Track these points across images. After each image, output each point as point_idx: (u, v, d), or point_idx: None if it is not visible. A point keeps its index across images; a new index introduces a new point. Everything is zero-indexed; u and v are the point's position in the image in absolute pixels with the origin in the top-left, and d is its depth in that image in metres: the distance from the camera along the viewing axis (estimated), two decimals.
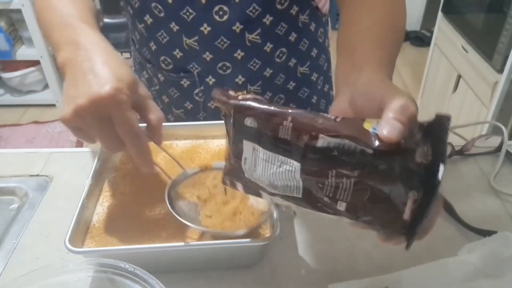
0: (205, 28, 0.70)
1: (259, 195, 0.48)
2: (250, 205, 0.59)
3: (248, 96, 0.45)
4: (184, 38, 0.72)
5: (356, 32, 0.55)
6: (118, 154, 0.73)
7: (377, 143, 0.37)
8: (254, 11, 0.68)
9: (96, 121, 0.47)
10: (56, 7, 0.57)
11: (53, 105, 2.63)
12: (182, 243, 0.55)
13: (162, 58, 0.77)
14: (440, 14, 2.13)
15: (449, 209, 0.67)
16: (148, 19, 0.73)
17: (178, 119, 0.86)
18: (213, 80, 0.76)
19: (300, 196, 0.43)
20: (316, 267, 0.60)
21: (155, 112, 0.55)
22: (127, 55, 2.18)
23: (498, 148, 0.79)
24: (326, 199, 0.41)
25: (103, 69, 0.48)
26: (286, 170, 0.42)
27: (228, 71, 0.75)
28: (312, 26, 0.79)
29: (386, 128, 0.37)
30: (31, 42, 2.44)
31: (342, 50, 0.55)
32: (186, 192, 0.61)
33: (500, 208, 0.69)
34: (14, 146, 2.28)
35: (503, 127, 0.79)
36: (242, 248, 0.56)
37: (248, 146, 0.45)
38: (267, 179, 0.45)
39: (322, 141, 0.39)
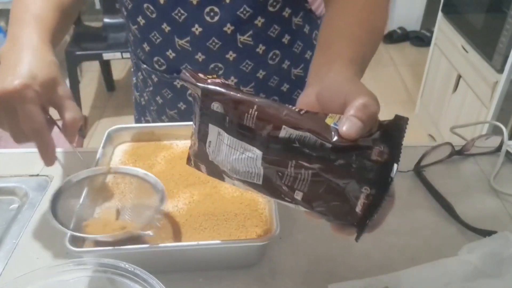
0: (197, 29, 0.70)
1: (222, 178, 0.49)
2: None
3: (217, 80, 0.46)
4: (176, 39, 0.72)
5: (335, 29, 0.56)
6: (118, 154, 0.73)
7: (335, 138, 0.39)
8: (245, 12, 0.69)
9: (4, 111, 0.52)
10: (25, 1, 0.61)
11: None
12: (182, 243, 0.56)
13: (155, 59, 0.77)
14: (440, 14, 2.13)
15: (449, 209, 0.67)
16: (141, 20, 0.73)
17: (172, 120, 0.86)
18: None
19: (260, 183, 0.44)
20: (316, 267, 0.60)
21: (70, 112, 0.57)
22: (127, 55, 2.18)
23: (498, 148, 0.79)
24: (284, 187, 0.43)
25: (22, 66, 0.53)
26: (249, 157, 0.44)
27: (221, 72, 0.75)
28: (307, 29, 0.79)
29: (346, 124, 0.38)
30: None
31: (319, 45, 0.56)
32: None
33: (500, 208, 0.69)
34: (14, 146, 2.27)
35: (503, 127, 0.79)
36: (242, 248, 0.56)
37: (213, 130, 0.46)
38: (230, 164, 0.46)
39: (285, 132, 0.41)
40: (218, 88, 0.45)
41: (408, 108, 2.57)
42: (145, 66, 0.81)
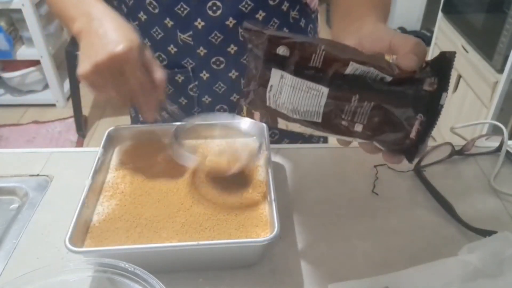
0: (199, 23, 0.71)
1: (275, 124, 0.53)
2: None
3: (277, 31, 0.50)
4: (179, 34, 0.73)
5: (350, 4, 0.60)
6: (118, 154, 0.73)
7: (397, 71, 0.44)
8: (246, 6, 0.70)
9: (111, 75, 0.56)
10: None
11: (53, 105, 2.62)
12: (182, 243, 0.56)
13: (156, 54, 0.78)
14: (440, 14, 2.13)
15: (449, 209, 0.67)
16: (142, 16, 0.74)
17: (172, 115, 0.87)
18: (207, 75, 0.77)
19: (320, 121, 0.49)
20: (316, 267, 0.60)
21: (159, 72, 0.62)
22: None
23: (498, 148, 0.79)
24: (344, 122, 0.48)
25: (115, 33, 0.57)
26: (313, 95, 0.48)
27: (222, 65, 0.76)
28: (302, 22, 0.80)
29: (405, 59, 0.44)
30: (31, 42, 2.44)
31: (337, 13, 0.61)
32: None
33: (500, 208, 0.69)
34: (14, 146, 2.28)
35: (503, 127, 0.79)
36: (242, 248, 0.56)
37: (276, 74, 0.49)
38: (291, 104, 0.49)
39: (351, 68, 0.45)
40: (283, 33, 0.48)
41: None
42: None
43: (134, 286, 0.48)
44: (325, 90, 0.47)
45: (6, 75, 2.55)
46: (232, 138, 0.72)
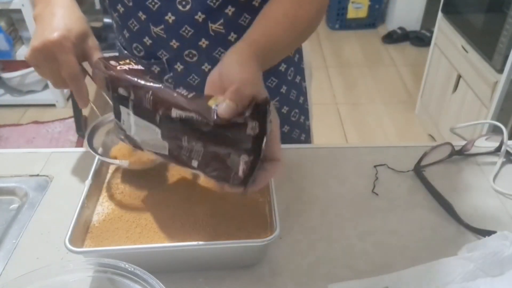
0: (170, 17, 0.72)
1: (142, 150, 0.57)
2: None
3: (126, 67, 0.56)
4: (152, 27, 0.74)
5: (261, 13, 0.64)
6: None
7: (215, 117, 0.46)
8: (214, 1, 0.70)
9: (45, 60, 0.60)
10: None
11: (53, 105, 2.62)
12: (182, 243, 0.56)
13: (134, 45, 0.79)
14: (440, 14, 2.13)
15: (449, 209, 0.67)
16: (120, 8, 0.76)
17: None
18: (181, 67, 0.78)
19: (167, 153, 0.53)
20: (316, 267, 0.60)
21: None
22: None
23: (498, 148, 0.79)
24: (184, 157, 0.51)
25: (58, 21, 0.61)
26: (152, 132, 0.52)
27: (195, 58, 0.77)
28: None
29: (222, 106, 0.46)
30: None
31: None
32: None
33: (500, 208, 0.69)
34: (14, 146, 2.28)
35: (503, 127, 0.79)
36: (242, 248, 0.56)
37: (124, 110, 0.55)
38: (140, 138, 0.55)
39: (175, 113, 0.49)
40: (122, 75, 0.53)
41: (408, 108, 2.57)
42: (126, 52, 0.84)
43: (134, 286, 0.48)
44: (158, 130, 0.51)
45: (6, 75, 2.55)
46: None
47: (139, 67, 0.57)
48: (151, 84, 0.51)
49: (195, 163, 0.51)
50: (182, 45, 0.75)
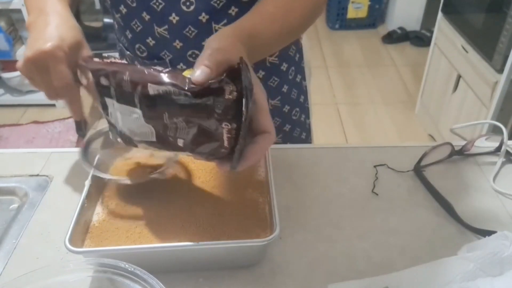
0: (174, 18, 0.72)
1: (136, 145, 0.55)
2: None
3: (108, 61, 0.54)
4: (155, 27, 0.74)
5: (256, 4, 0.64)
6: (118, 154, 0.73)
7: (188, 86, 0.45)
8: (218, 2, 0.71)
9: (38, 70, 0.58)
10: None
11: (53, 105, 2.62)
12: (182, 243, 0.56)
13: (137, 46, 0.79)
14: (440, 14, 2.13)
15: (449, 209, 0.67)
16: (123, 9, 0.76)
17: None
18: (184, 67, 0.78)
19: (155, 139, 0.51)
20: (316, 267, 0.60)
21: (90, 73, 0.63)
22: None
23: (498, 148, 0.79)
24: (171, 139, 0.50)
25: (52, 31, 0.59)
26: (135, 118, 0.51)
27: None
28: None
29: (196, 72, 0.46)
30: None
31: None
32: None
33: (500, 208, 0.69)
34: (14, 146, 2.28)
35: (503, 127, 0.79)
36: (242, 248, 0.56)
37: (109, 102, 0.53)
38: (127, 128, 0.53)
39: (152, 89, 0.47)
40: (99, 66, 0.52)
41: (408, 108, 2.57)
42: (128, 52, 0.83)
43: (134, 286, 0.48)
44: (139, 111, 0.50)
45: (6, 75, 2.55)
46: None
47: (123, 61, 0.56)
48: (127, 65, 0.51)
49: (180, 142, 0.49)
50: (186, 46, 0.75)
